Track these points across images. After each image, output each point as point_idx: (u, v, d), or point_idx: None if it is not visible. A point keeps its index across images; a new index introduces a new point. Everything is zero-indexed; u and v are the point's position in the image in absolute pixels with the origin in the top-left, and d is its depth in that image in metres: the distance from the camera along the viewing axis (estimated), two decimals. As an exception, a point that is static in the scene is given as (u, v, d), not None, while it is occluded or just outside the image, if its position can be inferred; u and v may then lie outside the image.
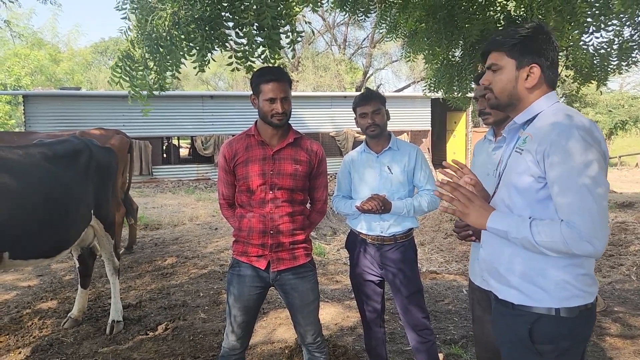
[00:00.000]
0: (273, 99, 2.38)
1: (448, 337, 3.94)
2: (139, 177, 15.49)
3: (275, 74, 2.41)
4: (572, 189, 1.49)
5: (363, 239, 2.93)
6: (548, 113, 1.64)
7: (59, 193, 3.47)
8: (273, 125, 2.43)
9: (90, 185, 3.81)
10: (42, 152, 3.53)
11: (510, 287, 1.68)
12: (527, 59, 1.66)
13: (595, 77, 3.99)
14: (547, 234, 1.52)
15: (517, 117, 1.73)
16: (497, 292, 1.75)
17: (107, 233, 4.10)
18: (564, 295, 1.58)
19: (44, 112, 14.74)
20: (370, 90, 2.96)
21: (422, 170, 2.92)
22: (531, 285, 1.62)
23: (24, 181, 3.26)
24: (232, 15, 2.74)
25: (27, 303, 4.76)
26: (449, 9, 4.01)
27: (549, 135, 1.55)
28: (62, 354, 3.66)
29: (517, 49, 1.66)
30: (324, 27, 27.64)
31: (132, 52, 2.72)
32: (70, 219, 3.57)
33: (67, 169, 3.61)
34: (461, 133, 20.60)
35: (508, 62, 1.69)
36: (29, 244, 3.29)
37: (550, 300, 1.59)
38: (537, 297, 1.61)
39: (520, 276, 1.65)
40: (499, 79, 1.71)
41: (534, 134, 1.62)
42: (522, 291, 1.64)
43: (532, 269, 1.62)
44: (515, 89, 1.69)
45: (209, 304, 4.73)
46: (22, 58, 25.34)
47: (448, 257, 7.53)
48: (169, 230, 8.63)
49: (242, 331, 2.54)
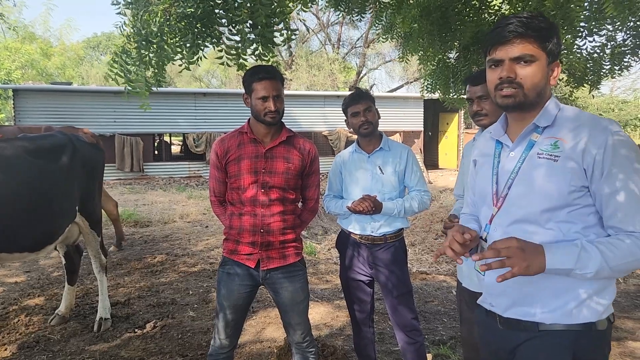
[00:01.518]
0: (266, 97, 2.37)
1: (437, 337, 3.95)
2: (130, 174, 15.38)
3: (267, 72, 2.40)
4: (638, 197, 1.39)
5: (354, 238, 2.93)
6: (567, 116, 1.51)
7: (42, 187, 3.45)
8: (266, 124, 2.42)
9: (75, 181, 3.77)
10: (25, 146, 3.50)
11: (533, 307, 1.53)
12: (554, 54, 1.51)
13: (588, 80, 4.02)
14: (620, 256, 1.37)
15: (538, 119, 1.53)
16: (519, 315, 1.55)
17: (92, 230, 4.07)
18: (599, 309, 1.48)
19: (34, 106, 14.58)
20: (360, 90, 2.97)
21: (413, 171, 2.92)
22: (562, 301, 1.49)
23: (7, 175, 3.24)
24: (225, 13, 2.73)
25: (14, 299, 4.71)
26: (442, 11, 4.02)
27: (596, 140, 1.41)
28: (48, 351, 3.62)
29: (547, 42, 1.48)
30: (318, 26, 27.63)
31: (128, 48, 2.69)
32: (54, 214, 3.55)
33: (50, 163, 3.58)
34: (453, 134, 20.68)
35: (541, 55, 1.48)
36: (12, 237, 3.27)
37: (587, 315, 1.48)
38: (575, 313, 1.48)
39: (550, 294, 1.50)
40: (533, 72, 1.48)
41: (568, 139, 1.46)
42: (553, 309, 1.50)
43: (561, 286, 1.48)
44: (545, 86, 1.52)
45: (198, 302, 4.71)
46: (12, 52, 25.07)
47: (438, 259, 7.56)
48: (159, 228, 8.58)
49: (231, 330, 2.53)
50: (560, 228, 1.47)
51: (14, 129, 6.24)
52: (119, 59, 2.67)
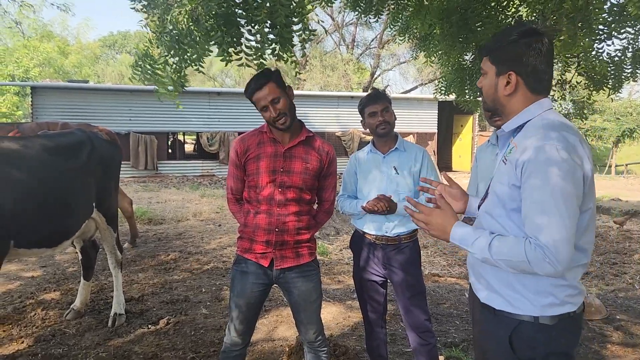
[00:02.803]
0: (265, 107, 2.37)
1: (449, 340, 3.93)
2: (144, 172, 15.54)
3: (255, 82, 2.37)
4: (543, 208, 1.46)
5: (368, 239, 2.93)
6: (534, 123, 1.61)
7: (61, 184, 3.51)
8: (279, 129, 2.43)
9: (92, 178, 3.83)
10: (44, 144, 3.56)
11: (493, 292, 1.69)
12: (505, 65, 1.64)
13: (607, 84, 3.97)
14: (507, 251, 1.52)
15: (505, 124, 1.71)
16: (480, 296, 1.75)
17: (109, 226, 4.13)
18: (543, 303, 1.58)
19: (51, 104, 14.80)
20: (377, 90, 2.98)
21: (429, 172, 2.91)
22: (512, 291, 1.63)
23: (27, 171, 3.29)
24: (245, 13, 2.74)
25: (31, 293, 4.79)
26: (462, 13, 4.00)
27: (529, 148, 1.52)
28: (64, 344, 3.67)
29: (497, 55, 1.66)
30: (333, 26, 27.63)
31: (151, 51, 2.72)
32: (71, 210, 3.60)
33: (69, 160, 3.63)
34: (467, 136, 20.55)
35: (490, 67, 1.68)
36: (32, 233, 3.32)
37: (530, 307, 1.60)
38: (518, 304, 1.61)
39: (502, 282, 1.65)
40: (484, 83, 1.72)
41: (518, 144, 1.59)
42: (503, 297, 1.65)
43: (513, 276, 1.61)
44: (497, 95, 1.68)
45: (211, 299, 4.74)
46: (31, 50, 25.47)
47: (451, 261, 7.52)
48: (173, 226, 8.64)
49: (243, 327, 2.54)
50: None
51: (32, 126, 6.32)
52: (142, 62, 2.70)
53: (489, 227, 1.68)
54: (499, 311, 1.66)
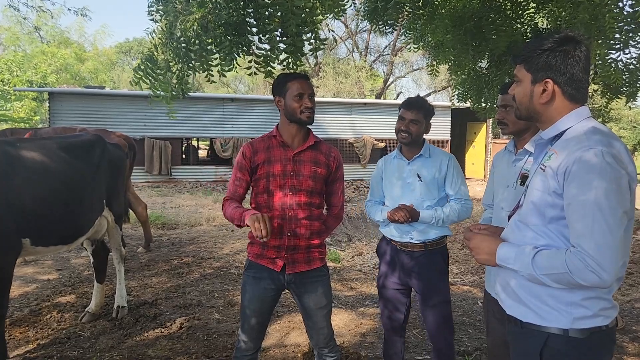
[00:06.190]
0: (302, 95, 2.42)
1: (462, 348, 3.91)
2: (158, 177, 15.67)
3: (300, 74, 2.51)
4: (586, 214, 1.41)
5: (394, 245, 2.91)
6: (576, 130, 1.56)
7: (75, 183, 3.64)
8: (301, 123, 2.46)
9: (103, 177, 4.01)
10: (58, 144, 3.73)
11: (520, 304, 1.63)
12: (541, 73, 1.61)
13: (624, 92, 3.93)
14: (548, 264, 1.47)
15: (544, 132, 1.67)
16: (506, 307, 1.70)
17: (116, 225, 4.37)
18: (575, 315, 1.51)
19: (68, 109, 15.02)
20: (417, 98, 2.91)
21: (454, 179, 2.87)
22: (542, 304, 1.56)
23: (43, 171, 3.42)
24: (256, 22, 2.77)
25: (47, 296, 4.86)
26: (476, 20, 4.00)
27: (573, 154, 1.47)
28: (79, 347, 3.72)
29: (533, 63, 1.63)
30: (346, 33, 27.72)
31: (154, 56, 2.76)
32: (85, 207, 3.75)
33: (82, 159, 3.80)
34: (481, 144, 20.42)
35: (525, 75, 1.66)
36: (48, 231, 3.43)
37: (559, 319, 1.53)
38: (546, 315, 1.55)
39: (531, 294, 1.59)
40: (518, 91, 1.70)
41: (559, 151, 1.54)
42: (532, 309, 1.59)
43: (543, 288, 1.55)
44: (532, 103, 1.65)
45: (224, 304, 4.76)
46: (48, 56, 25.90)
47: (464, 269, 7.47)
48: (186, 231, 8.71)
49: (255, 332, 2.55)
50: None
51: (49, 131, 6.43)
52: (145, 66, 2.74)
53: (523, 237, 1.62)
54: (526, 324, 1.60)
